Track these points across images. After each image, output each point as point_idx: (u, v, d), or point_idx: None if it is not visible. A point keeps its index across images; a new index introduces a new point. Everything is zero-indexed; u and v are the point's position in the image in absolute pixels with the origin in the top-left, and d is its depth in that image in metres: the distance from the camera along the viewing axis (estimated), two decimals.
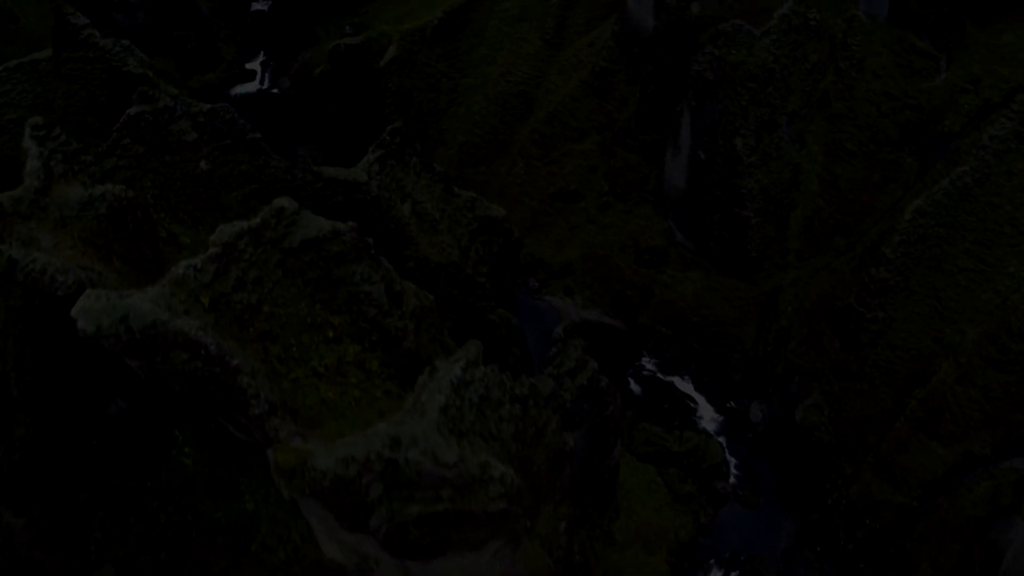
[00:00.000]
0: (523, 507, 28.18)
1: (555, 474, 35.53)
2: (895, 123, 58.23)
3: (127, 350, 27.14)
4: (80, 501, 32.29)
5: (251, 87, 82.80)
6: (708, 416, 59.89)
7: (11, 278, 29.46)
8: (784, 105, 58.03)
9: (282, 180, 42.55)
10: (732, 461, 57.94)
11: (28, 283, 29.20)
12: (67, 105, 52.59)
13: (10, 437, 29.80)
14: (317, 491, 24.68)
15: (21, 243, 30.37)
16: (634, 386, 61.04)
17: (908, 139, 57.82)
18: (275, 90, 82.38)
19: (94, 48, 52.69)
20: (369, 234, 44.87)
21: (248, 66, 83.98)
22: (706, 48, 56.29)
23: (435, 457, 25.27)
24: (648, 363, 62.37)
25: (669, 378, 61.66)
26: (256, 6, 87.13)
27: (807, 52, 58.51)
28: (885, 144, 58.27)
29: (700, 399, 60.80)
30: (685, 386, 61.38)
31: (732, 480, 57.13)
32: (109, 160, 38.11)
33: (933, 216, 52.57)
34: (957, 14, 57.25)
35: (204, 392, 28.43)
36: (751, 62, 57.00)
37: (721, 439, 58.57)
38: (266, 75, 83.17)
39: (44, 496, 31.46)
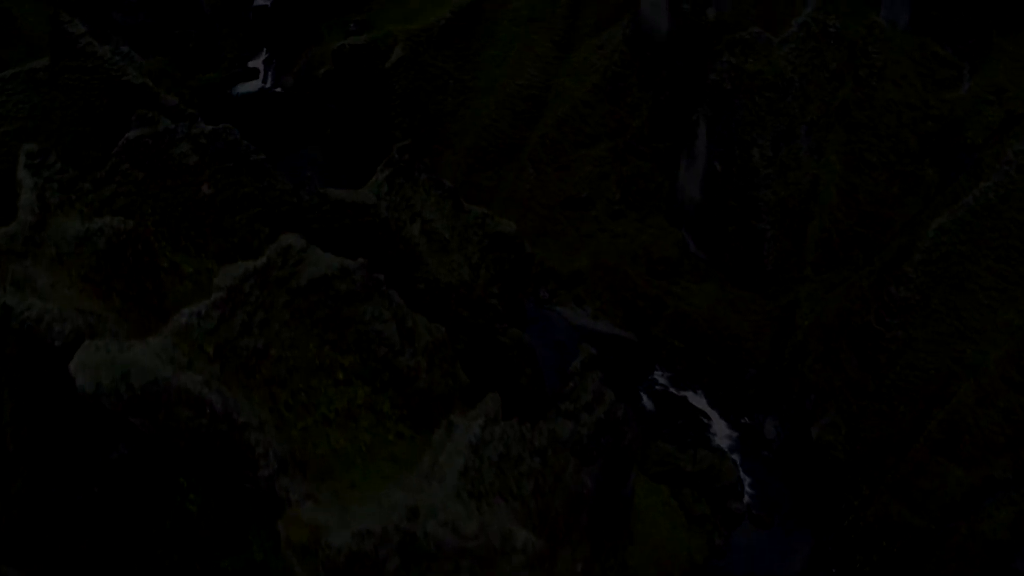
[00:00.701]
0: (543, 567, 27.02)
1: (573, 517, 34.36)
2: (916, 134, 56.69)
3: (129, 408, 25.89)
4: (81, 551, 31.12)
5: (253, 86, 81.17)
6: (722, 432, 58.68)
7: (6, 325, 28.15)
8: (802, 115, 56.51)
9: (287, 203, 41.22)
10: (746, 479, 56.77)
11: (24, 331, 27.87)
12: (65, 116, 51.25)
13: (7, 491, 28.57)
14: (331, 567, 23.47)
15: (16, 286, 29.01)
16: (646, 401, 59.80)
17: (929, 150, 56.29)
18: (278, 89, 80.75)
19: (92, 57, 51.32)
20: (378, 257, 43.78)
21: (250, 64, 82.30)
22: (723, 57, 54.70)
23: (455, 528, 24.08)
24: (660, 377, 61.11)
25: (682, 392, 60.40)
26: (259, 2, 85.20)
27: (826, 60, 56.91)
28: (905, 155, 56.74)
29: (713, 414, 59.57)
30: (698, 401, 60.12)
31: (746, 499, 55.98)
32: (108, 187, 36.73)
33: (956, 234, 51.15)
34: (981, 22, 55.57)
35: (210, 449, 27.20)
36: (769, 71, 55.42)
37: (735, 456, 57.39)
38: (269, 74, 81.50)
39: (44, 547, 30.29)
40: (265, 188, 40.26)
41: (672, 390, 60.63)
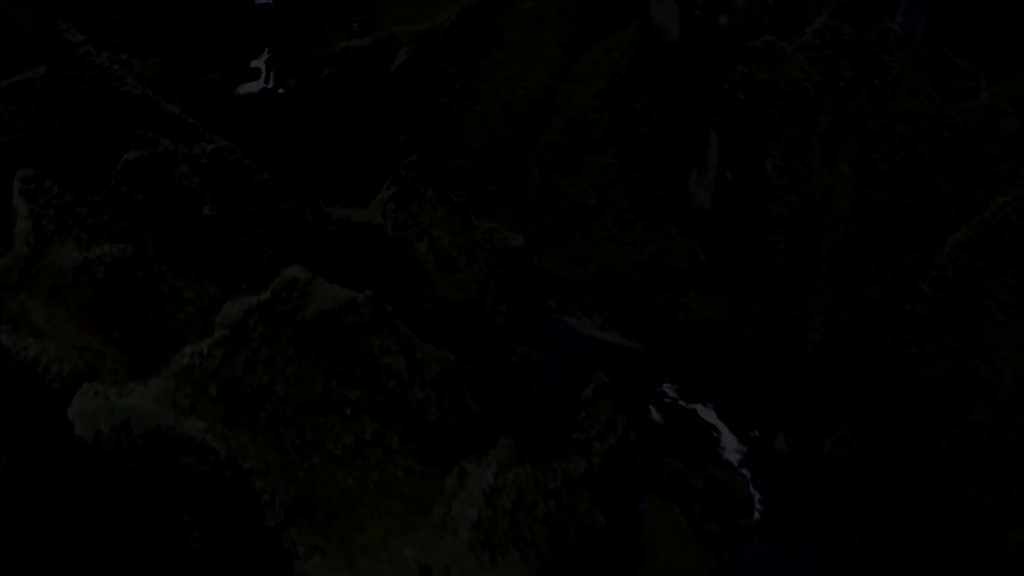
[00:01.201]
0: None
1: (585, 553, 33.49)
2: (931, 145, 55.54)
3: (129, 456, 24.97)
4: None
5: (255, 87, 79.93)
6: (731, 447, 57.83)
7: (2, 366, 27.21)
8: (815, 124, 55.39)
9: (291, 223, 40.20)
10: (756, 495, 55.90)
11: (20, 372, 26.93)
12: (63, 127, 50.14)
13: (5, 536, 27.70)
14: None
15: (11, 323, 28.04)
16: (655, 414, 58.93)
17: (945, 162, 55.16)
18: (280, 90, 79.49)
19: (90, 66, 50.20)
20: (384, 277, 42.81)
21: (252, 64, 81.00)
22: (736, 66, 53.49)
23: None
24: (669, 389, 60.21)
25: (691, 405, 59.52)
26: (260, 0, 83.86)
27: (840, 68, 55.74)
28: (921, 167, 55.61)
29: (723, 428, 58.70)
30: (708, 414, 59.25)
31: (756, 516, 55.17)
32: (106, 211, 35.72)
33: (972, 249, 50.10)
34: (999, 30, 54.33)
35: (214, 495, 26.30)
36: (782, 80, 54.29)
37: (744, 471, 56.52)
38: (271, 74, 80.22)
39: None
40: (268, 208, 39.24)
41: (681, 403, 59.75)
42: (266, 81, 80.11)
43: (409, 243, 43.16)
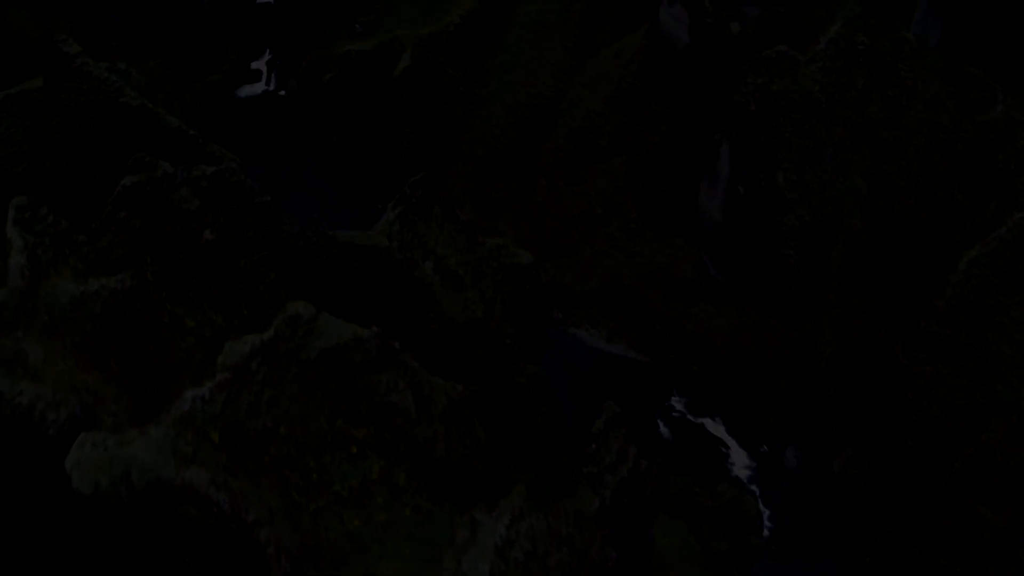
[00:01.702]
0: None
1: None
2: (946, 157, 54.48)
3: (130, 509, 24.08)
4: None
5: (257, 89, 78.64)
6: (740, 462, 56.99)
7: None
8: (828, 136, 54.27)
9: (294, 246, 39.16)
10: (766, 512, 55.09)
11: (16, 418, 26.01)
12: (61, 139, 49.17)
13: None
14: None
15: (6, 366, 27.09)
16: (663, 429, 58.05)
17: (960, 174, 54.09)
18: (282, 92, 78.20)
19: (88, 78, 49.16)
20: (389, 298, 41.85)
21: (253, 65, 79.66)
22: (748, 77, 52.34)
23: None
24: (678, 403, 59.30)
25: (700, 419, 58.63)
26: None
27: (854, 78, 54.60)
28: (935, 179, 54.56)
29: (732, 443, 57.83)
30: (716, 428, 58.37)
31: (766, 533, 54.35)
32: (104, 237, 34.67)
33: (988, 266, 49.22)
34: (1016, 41, 53.16)
35: (218, 546, 25.43)
36: (795, 91, 53.19)
37: (754, 487, 55.73)
38: (272, 76, 78.93)
39: None
40: (271, 231, 38.17)
41: (690, 417, 58.86)
42: (267, 83, 78.81)
43: (415, 264, 42.21)
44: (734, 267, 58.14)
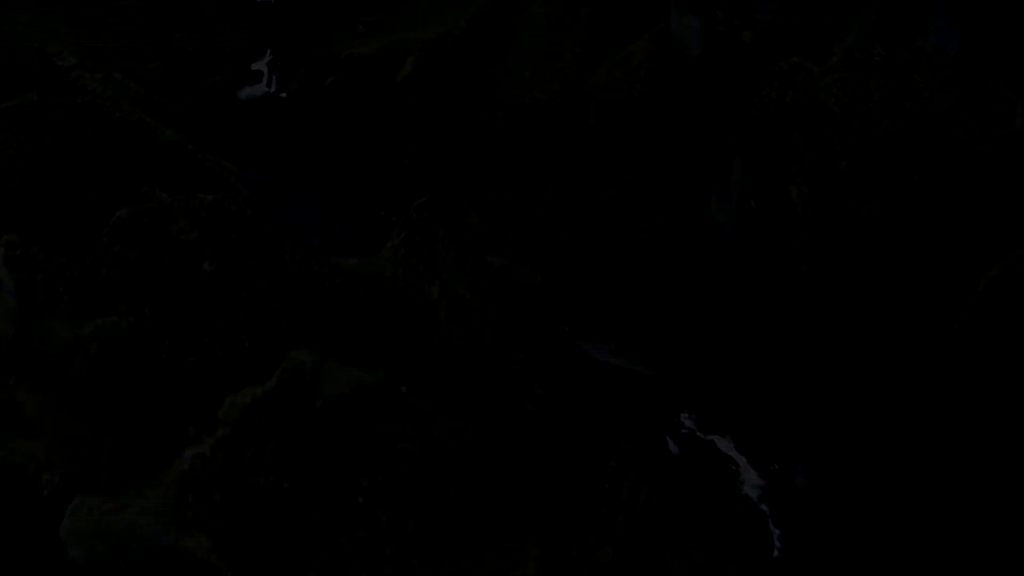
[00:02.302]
0: None
1: None
2: (964, 172, 53.05)
3: None
4: None
5: (258, 90, 77.20)
6: (750, 481, 55.98)
7: None
8: (843, 150, 52.85)
9: (296, 275, 38.02)
10: (776, 532, 54.21)
11: (10, 478, 24.97)
12: (56, 155, 47.96)
13: None
14: None
15: None
16: (672, 446, 57.05)
17: (978, 190, 52.72)
18: (283, 94, 76.78)
19: (83, 92, 47.96)
20: (394, 325, 40.72)
21: (254, 66, 78.17)
22: (762, 91, 50.98)
23: None
24: (686, 419, 58.27)
25: (709, 436, 57.61)
26: None
27: (870, 90, 53.13)
28: (952, 195, 53.14)
29: (741, 460, 56.84)
30: (725, 446, 57.35)
31: (776, 554, 53.46)
32: (99, 271, 33.55)
33: (1009, 286, 47.91)
34: None
35: None
36: (810, 104, 51.72)
37: (764, 507, 54.78)
38: (273, 77, 77.45)
39: None
40: (272, 260, 37.04)
41: (699, 434, 57.82)
42: (268, 85, 77.33)
43: (420, 290, 41.04)
44: (745, 281, 56.93)
